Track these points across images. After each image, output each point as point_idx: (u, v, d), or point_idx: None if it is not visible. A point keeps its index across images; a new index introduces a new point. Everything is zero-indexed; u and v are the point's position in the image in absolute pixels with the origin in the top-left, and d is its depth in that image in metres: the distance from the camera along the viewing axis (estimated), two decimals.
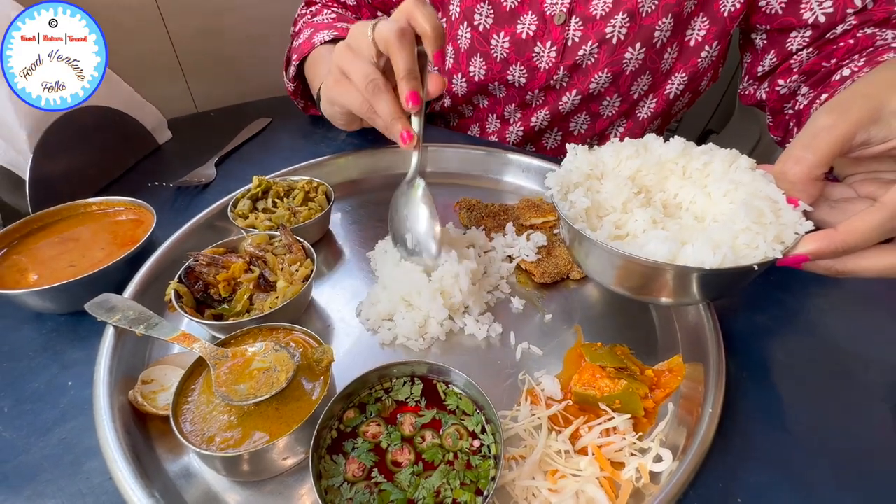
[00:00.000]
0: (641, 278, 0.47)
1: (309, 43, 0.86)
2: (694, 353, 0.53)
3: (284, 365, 0.45)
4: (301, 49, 0.87)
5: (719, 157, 0.50)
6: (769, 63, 0.82)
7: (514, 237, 0.70)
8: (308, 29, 0.90)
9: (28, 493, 0.43)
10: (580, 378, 0.50)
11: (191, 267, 0.58)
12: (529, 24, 0.82)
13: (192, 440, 0.41)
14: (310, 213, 0.70)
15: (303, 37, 0.90)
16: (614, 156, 0.54)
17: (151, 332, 0.50)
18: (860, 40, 0.70)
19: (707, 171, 0.51)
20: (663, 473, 0.42)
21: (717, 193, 0.48)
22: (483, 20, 0.84)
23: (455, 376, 0.46)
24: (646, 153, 0.54)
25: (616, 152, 0.54)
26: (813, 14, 0.73)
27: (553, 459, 0.44)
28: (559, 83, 0.87)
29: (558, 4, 0.79)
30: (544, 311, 0.61)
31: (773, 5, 0.77)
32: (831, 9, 0.71)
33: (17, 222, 0.65)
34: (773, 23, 0.78)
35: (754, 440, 0.47)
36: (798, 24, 0.75)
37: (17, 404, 0.50)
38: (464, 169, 0.86)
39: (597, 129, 0.94)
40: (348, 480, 0.40)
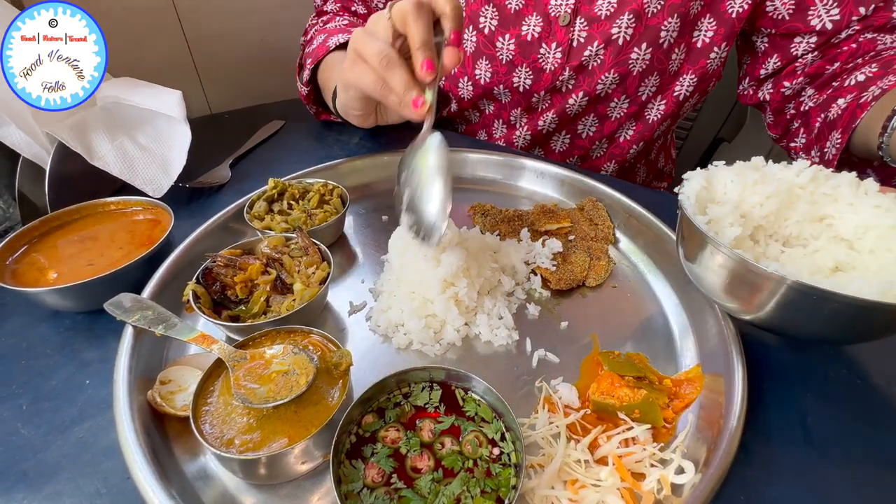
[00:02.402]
0: (811, 315, 0.43)
1: (323, 47, 0.87)
2: (712, 364, 0.53)
3: (304, 368, 0.45)
4: (315, 53, 0.88)
5: (845, 181, 0.49)
6: (773, 66, 0.82)
7: (530, 243, 0.69)
8: (321, 35, 0.91)
9: (47, 491, 0.43)
10: (598, 387, 0.50)
11: (208, 268, 0.58)
12: (534, 26, 0.82)
13: (211, 442, 0.41)
14: (325, 215, 0.70)
15: (316, 42, 0.90)
16: (740, 183, 0.51)
17: (170, 332, 0.50)
18: (862, 45, 0.73)
19: (836, 195, 0.49)
20: (686, 486, 0.42)
21: (864, 219, 0.46)
22: (488, 23, 0.85)
23: (474, 383, 0.46)
24: (774, 180, 0.51)
25: (739, 176, 0.51)
26: (821, 21, 0.74)
27: (573, 469, 0.44)
28: (565, 85, 0.87)
29: (563, 5, 0.79)
30: (560, 318, 0.61)
31: (780, 10, 0.77)
32: (838, 16, 0.73)
33: (36, 220, 0.65)
34: (778, 27, 0.79)
35: (776, 453, 0.46)
36: (805, 31, 0.76)
37: (35, 402, 0.50)
38: (478, 173, 0.86)
39: (605, 132, 0.94)
40: (368, 486, 0.40)
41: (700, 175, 0.53)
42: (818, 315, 0.43)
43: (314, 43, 0.91)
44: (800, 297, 0.41)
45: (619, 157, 0.97)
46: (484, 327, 0.58)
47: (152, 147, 0.77)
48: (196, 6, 1.12)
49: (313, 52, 0.89)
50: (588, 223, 0.73)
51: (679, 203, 0.51)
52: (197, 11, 1.13)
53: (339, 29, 0.91)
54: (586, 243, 0.70)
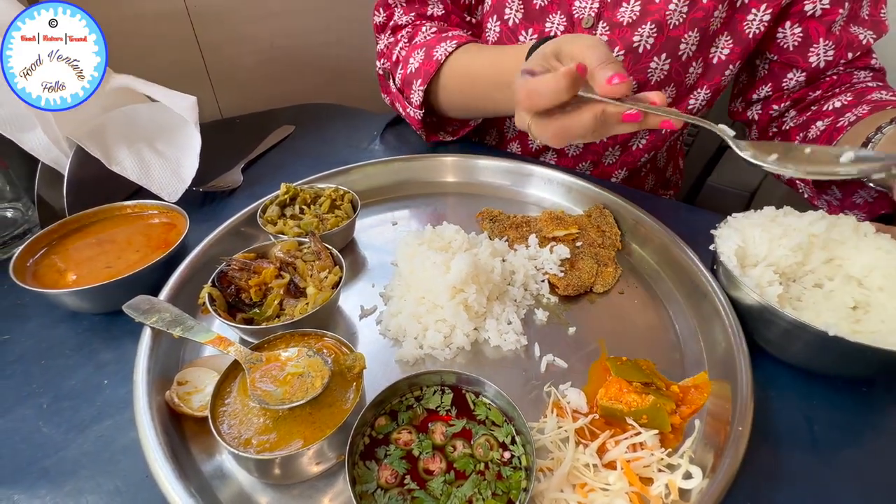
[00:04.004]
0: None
1: (431, 63, 0.82)
2: (719, 370, 0.53)
3: (319, 371, 0.46)
4: (424, 72, 0.82)
5: (848, 225, 0.57)
6: (764, 93, 0.87)
7: (538, 249, 0.70)
8: (417, 50, 0.85)
9: (69, 488, 0.44)
10: (607, 392, 0.51)
11: (223, 271, 0.59)
12: (558, 24, 0.83)
13: (229, 442, 0.42)
14: (336, 220, 0.72)
15: (415, 61, 0.84)
16: (766, 238, 0.57)
17: (187, 334, 0.51)
18: (842, 76, 0.82)
19: (842, 239, 0.56)
20: (693, 491, 0.43)
21: (869, 260, 0.53)
22: (513, 15, 0.85)
23: (484, 387, 0.47)
24: (795, 233, 0.57)
25: (765, 231, 0.58)
26: (817, 59, 0.80)
27: (581, 473, 0.44)
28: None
29: (587, 8, 0.80)
30: (568, 323, 0.62)
31: (787, 40, 0.80)
32: (832, 57, 0.80)
33: (55, 223, 0.67)
34: (781, 55, 0.82)
35: (783, 460, 0.47)
36: (801, 66, 0.82)
37: (55, 401, 0.52)
38: (486, 179, 0.87)
39: (619, 139, 0.94)
40: (382, 487, 0.41)
41: (733, 233, 0.60)
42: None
43: (412, 62, 0.85)
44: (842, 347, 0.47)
45: (630, 164, 0.98)
46: (493, 332, 0.59)
47: (167, 152, 0.79)
48: (208, 12, 1.14)
49: (418, 71, 0.83)
50: (595, 230, 0.74)
51: (719, 262, 0.58)
52: (209, 17, 1.15)
53: (434, 39, 0.85)
54: (594, 250, 0.71)
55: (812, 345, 0.50)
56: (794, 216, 0.60)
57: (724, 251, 0.58)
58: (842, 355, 0.49)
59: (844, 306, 0.52)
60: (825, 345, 0.48)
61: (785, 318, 0.50)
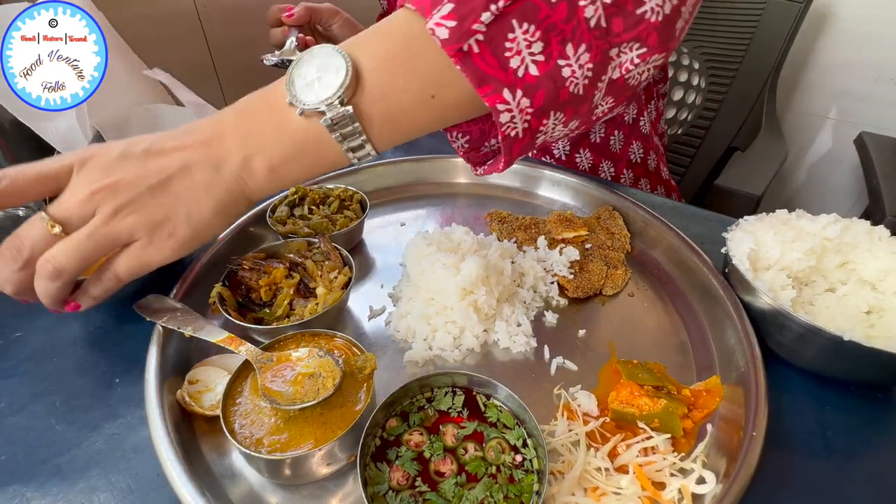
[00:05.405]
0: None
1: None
2: (732, 375, 0.53)
3: (330, 371, 0.46)
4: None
5: (862, 230, 0.57)
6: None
7: (547, 251, 0.70)
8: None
9: (81, 486, 0.44)
10: (618, 395, 0.50)
11: (233, 271, 0.60)
12: None
13: (241, 442, 0.42)
14: (345, 220, 0.72)
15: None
16: (779, 241, 0.57)
17: (199, 333, 0.51)
18: None
19: (856, 243, 0.56)
20: (706, 496, 0.42)
21: (883, 264, 0.54)
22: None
23: (496, 389, 0.47)
24: (808, 236, 0.57)
25: (777, 234, 0.58)
26: None
27: (593, 476, 0.44)
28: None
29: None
30: (578, 326, 0.62)
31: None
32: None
33: None
34: None
35: (796, 466, 0.46)
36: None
37: (68, 399, 0.52)
38: (494, 181, 0.87)
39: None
40: (393, 488, 0.41)
41: (745, 236, 0.59)
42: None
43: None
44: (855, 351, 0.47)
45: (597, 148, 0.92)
46: (503, 334, 0.59)
47: None
48: (218, 13, 1.15)
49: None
50: (605, 232, 0.74)
51: (731, 265, 0.57)
52: (219, 18, 1.15)
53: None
54: (603, 252, 0.71)
55: (826, 349, 0.49)
56: (807, 219, 0.60)
57: (736, 254, 0.58)
58: (856, 360, 0.48)
59: (858, 311, 0.52)
60: (840, 350, 0.47)
61: (799, 323, 0.49)
